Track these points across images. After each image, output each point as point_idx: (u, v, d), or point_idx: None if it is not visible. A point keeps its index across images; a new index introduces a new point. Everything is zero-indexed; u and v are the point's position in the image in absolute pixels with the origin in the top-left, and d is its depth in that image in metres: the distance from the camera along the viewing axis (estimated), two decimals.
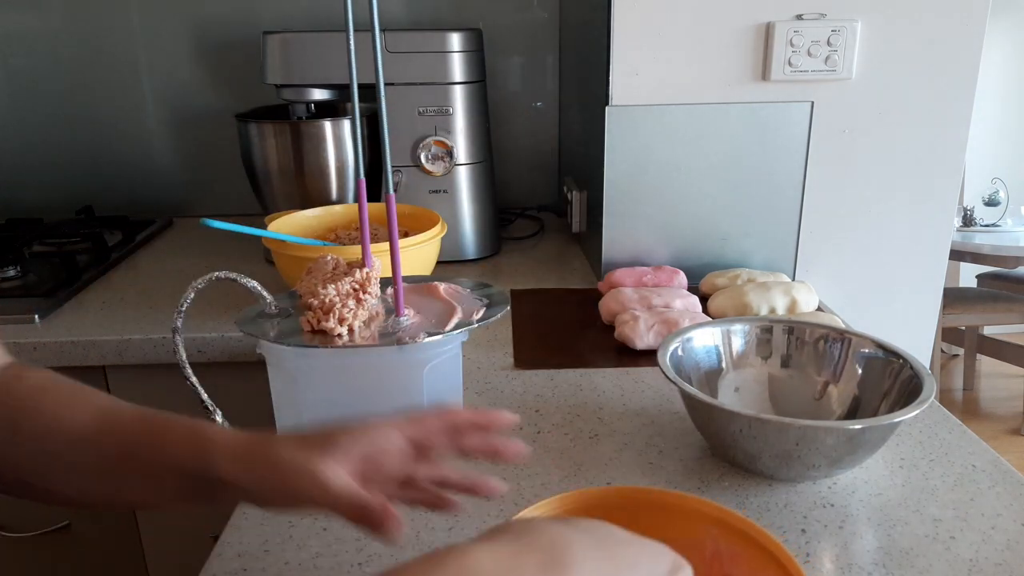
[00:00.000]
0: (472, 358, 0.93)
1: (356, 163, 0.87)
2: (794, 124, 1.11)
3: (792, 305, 1.01)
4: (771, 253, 1.17)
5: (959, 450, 0.73)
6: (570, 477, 0.69)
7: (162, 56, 1.53)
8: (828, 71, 1.09)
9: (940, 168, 1.15)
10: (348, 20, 0.65)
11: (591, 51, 1.19)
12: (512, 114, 1.58)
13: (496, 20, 1.52)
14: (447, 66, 1.24)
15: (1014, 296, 2.82)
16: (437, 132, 1.26)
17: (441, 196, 1.28)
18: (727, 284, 1.08)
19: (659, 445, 0.74)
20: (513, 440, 0.49)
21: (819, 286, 1.15)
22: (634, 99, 1.09)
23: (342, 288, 0.69)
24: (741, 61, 1.09)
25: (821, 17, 1.07)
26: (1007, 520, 0.63)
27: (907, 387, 0.69)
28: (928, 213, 1.17)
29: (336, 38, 1.23)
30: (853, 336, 0.76)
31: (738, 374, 0.79)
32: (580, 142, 1.33)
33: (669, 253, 1.16)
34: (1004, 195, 3.14)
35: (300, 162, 1.26)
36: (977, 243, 2.83)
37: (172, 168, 1.59)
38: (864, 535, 0.61)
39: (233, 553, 0.60)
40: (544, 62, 1.57)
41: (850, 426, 0.63)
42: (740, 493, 0.67)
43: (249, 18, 1.49)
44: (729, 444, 0.67)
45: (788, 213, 1.15)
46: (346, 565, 0.59)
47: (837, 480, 0.68)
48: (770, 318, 0.82)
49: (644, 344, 0.93)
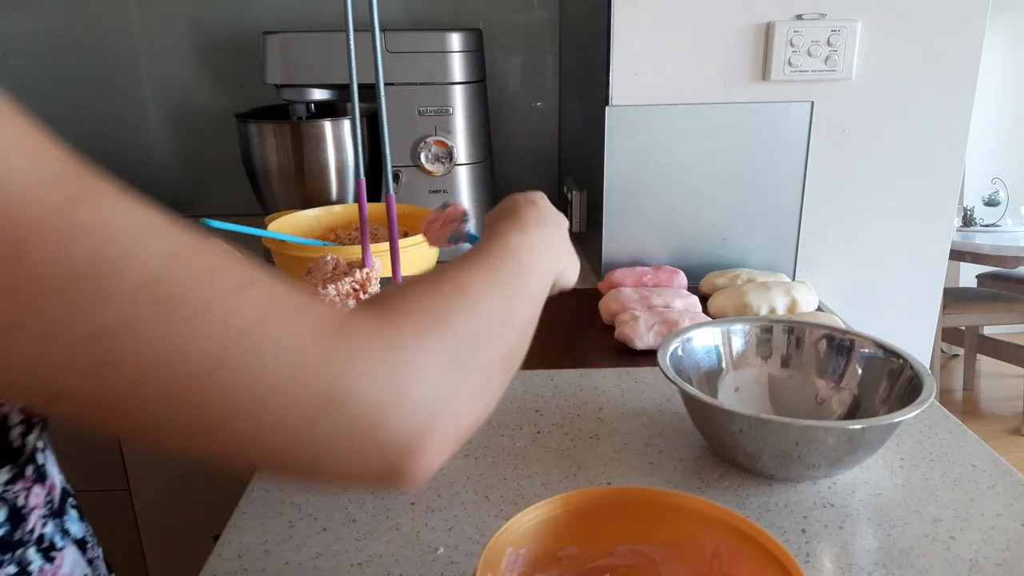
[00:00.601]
0: None
1: (356, 163, 0.87)
2: (794, 124, 1.11)
3: (792, 305, 1.01)
4: (771, 253, 1.17)
5: (959, 450, 0.73)
6: (570, 477, 0.69)
7: (162, 56, 1.53)
8: (828, 71, 1.09)
9: (940, 168, 1.15)
10: (348, 20, 0.65)
11: (591, 51, 1.19)
12: (512, 114, 1.58)
13: (496, 20, 1.52)
14: (447, 66, 1.24)
15: (1014, 296, 2.82)
16: (437, 132, 1.26)
17: (441, 196, 1.28)
18: (727, 284, 1.08)
19: (659, 445, 0.74)
20: None
21: (819, 286, 1.15)
22: (634, 99, 1.09)
23: (342, 288, 0.69)
24: (741, 61, 1.09)
25: (821, 17, 1.07)
26: (1007, 520, 0.63)
27: (907, 387, 0.69)
28: (928, 213, 1.17)
29: (336, 38, 1.23)
30: (853, 336, 0.76)
31: (738, 374, 0.79)
32: (580, 142, 1.33)
33: (669, 253, 1.16)
34: (1004, 195, 3.14)
35: (300, 162, 1.26)
36: (977, 243, 2.83)
37: (172, 168, 1.59)
38: (864, 535, 0.61)
39: (233, 553, 0.60)
40: (544, 62, 1.57)
41: (850, 426, 0.63)
42: (740, 493, 0.67)
43: (249, 18, 1.49)
44: (729, 444, 0.67)
45: (788, 213, 1.15)
46: (346, 565, 0.59)
47: (837, 480, 0.68)
48: (770, 318, 0.82)
49: (644, 344, 0.93)
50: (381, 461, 0.31)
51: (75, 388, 0.27)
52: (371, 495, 0.67)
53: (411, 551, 0.60)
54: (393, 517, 0.64)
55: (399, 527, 0.63)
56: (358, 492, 0.67)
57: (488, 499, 0.66)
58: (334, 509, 0.65)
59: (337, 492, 0.67)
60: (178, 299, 0.27)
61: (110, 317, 0.26)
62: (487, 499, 0.66)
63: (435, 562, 0.58)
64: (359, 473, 0.32)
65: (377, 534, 0.62)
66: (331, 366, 0.30)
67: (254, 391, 0.29)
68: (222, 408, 0.28)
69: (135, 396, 0.27)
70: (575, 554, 0.51)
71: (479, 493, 0.67)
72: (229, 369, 0.28)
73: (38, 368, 0.26)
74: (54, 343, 0.26)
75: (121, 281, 0.26)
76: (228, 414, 0.29)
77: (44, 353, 0.26)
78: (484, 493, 0.67)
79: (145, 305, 0.27)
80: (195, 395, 0.28)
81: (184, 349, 0.27)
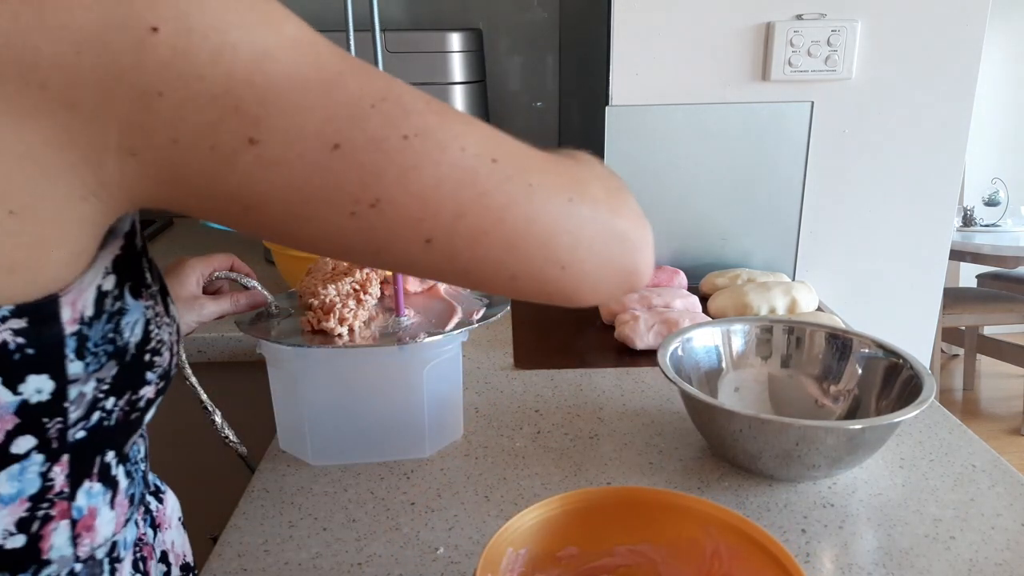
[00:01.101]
0: (472, 358, 0.93)
1: None
2: (794, 124, 1.11)
3: (792, 305, 1.01)
4: (771, 253, 1.17)
5: (959, 450, 0.73)
6: (570, 477, 0.69)
7: None
8: (828, 71, 1.09)
9: (940, 168, 1.15)
10: (348, 20, 0.65)
11: (591, 51, 1.19)
12: (512, 114, 1.58)
13: (496, 20, 1.52)
14: (447, 66, 1.24)
15: (1014, 296, 2.82)
16: None
17: None
18: (727, 284, 1.08)
19: (659, 445, 0.74)
20: None
21: (819, 286, 1.15)
22: (634, 99, 1.09)
23: (342, 288, 0.69)
24: (741, 61, 1.09)
25: (821, 17, 1.07)
26: (1007, 520, 0.63)
27: (907, 387, 0.69)
28: (928, 213, 1.17)
29: (336, 38, 1.22)
30: (853, 336, 0.76)
31: (738, 374, 0.79)
32: (580, 142, 1.33)
33: (669, 253, 1.16)
34: (1004, 195, 3.14)
35: None
36: (977, 243, 2.83)
37: None
38: (864, 535, 0.61)
39: (233, 553, 0.60)
40: (544, 62, 1.57)
41: (850, 426, 0.63)
42: (740, 493, 0.67)
43: None
44: (729, 444, 0.67)
45: (788, 213, 1.15)
46: (346, 565, 0.59)
47: (837, 480, 0.68)
48: (770, 318, 0.82)
49: (644, 344, 0.93)
50: (624, 248, 0.39)
51: (393, 192, 0.32)
52: (371, 494, 0.67)
53: (411, 551, 0.60)
54: (393, 517, 0.64)
55: (399, 527, 0.63)
56: (364, 486, 0.67)
57: (488, 499, 0.66)
58: (334, 509, 0.65)
59: (365, 472, 0.67)
60: (451, 114, 0.35)
61: (416, 125, 0.32)
62: (487, 499, 0.66)
63: (435, 562, 0.58)
64: (610, 259, 0.38)
65: (377, 534, 0.62)
66: (573, 177, 0.38)
67: (528, 191, 0.35)
68: (503, 201, 0.34)
69: (438, 193, 0.33)
70: (575, 554, 0.51)
71: (479, 493, 0.67)
72: (513, 181, 0.35)
73: (361, 178, 0.31)
74: (372, 152, 0.31)
75: (409, 101, 0.33)
76: (510, 203, 0.34)
77: (363, 163, 0.31)
78: (484, 493, 0.67)
79: (432, 117, 0.33)
80: (481, 182, 0.34)
81: (472, 153, 0.34)
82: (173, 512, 0.55)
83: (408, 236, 0.33)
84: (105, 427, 0.36)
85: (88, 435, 0.35)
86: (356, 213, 0.32)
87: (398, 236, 0.33)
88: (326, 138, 0.30)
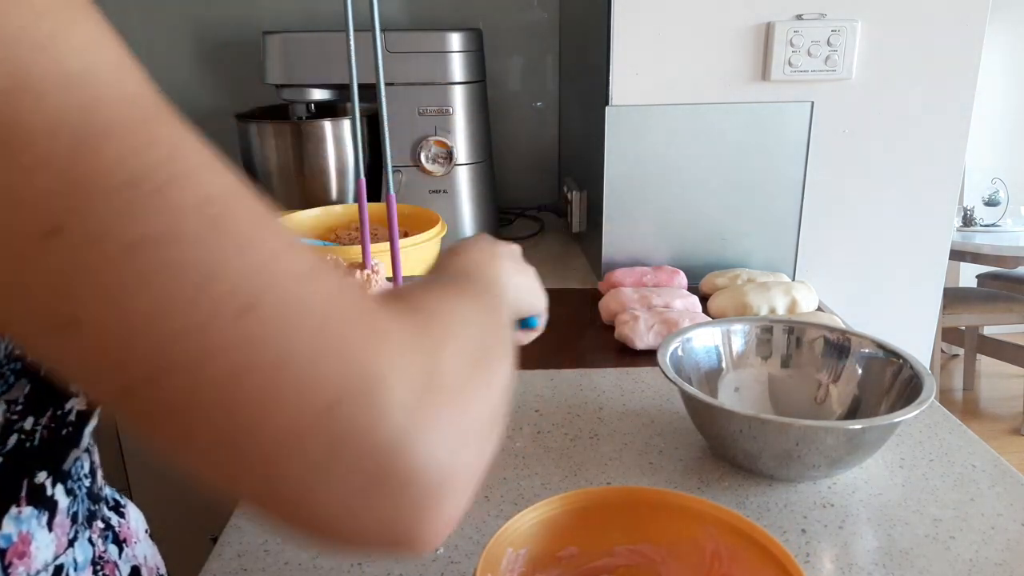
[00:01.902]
0: None
1: (356, 163, 0.87)
2: (794, 124, 1.11)
3: (792, 305, 1.01)
4: (771, 253, 1.17)
5: (959, 450, 0.73)
6: (570, 477, 0.69)
7: (162, 56, 1.53)
8: (828, 71, 1.09)
9: (940, 168, 1.15)
10: (348, 20, 0.65)
11: (591, 51, 1.19)
12: (512, 114, 1.58)
13: (496, 20, 1.52)
14: (447, 66, 1.24)
15: (1014, 296, 2.82)
16: (437, 132, 1.26)
17: (441, 196, 1.28)
18: (727, 284, 1.08)
19: (659, 445, 0.74)
20: None
21: (819, 286, 1.15)
22: (634, 99, 1.09)
23: None
24: (741, 61, 1.09)
25: (821, 17, 1.07)
26: (1007, 520, 0.63)
27: (907, 387, 0.69)
28: (928, 213, 1.17)
29: (336, 38, 1.23)
30: (853, 336, 0.76)
31: (738, 374, 0.79)
32: (580, 142, 1.33)
33: (669, 253, 1.16)
34: (1004, 195, 3.14)
35: (300, 162, 1.26)
36: (977, 243, 2.83)
37: None
38: (864, 535, 0.61)
39: (233, 553, 0.60)
40: (544, 62, 1.57)
41: (850, 426, 0.63)
42: (740, 493, 0.67)
43: (249, 18, 1.49)
44: (729, 444, 0.67)
45: (788, 213, 1.15)
46: (346, 565, 0.59)
47: (837, 480, 0.68)
48: (770, 318, 0.82)
49: (644, 344, 0.93)
50: (398, 499, 0.27)
51: (96, 312, 0.24)
52: None
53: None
54: None
55: None
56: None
57: (488, 499, 0.66)
58: None
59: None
60: (230, 224, 0.25)
61: (157, 227, 0.24)
62: (487, 499, 0.66)
63: (435, 562, 0.58)
64: (366, 507, 0.27)
65: None
66: (368, 344, 0.27)
67: (278, 349, 0.25)
68: (239, 361, 0.24)
69: (152, 329, 0.24)
70: (575, 554, 0.51)
71: (479, 493, 0.67)
72: (258, 316, 0.25)
73: (63, 282, 0.23)
74: (91, 251, 0.23)
75: (177, 193, 0.24)
76: (244, 368, 0.25)
77: (76, 263, 0.23)
78: (484, 493, 0.67)
79: (195, 220, 0.24)
80: (216, 336, 0.24)
81: (220, 278, 0.24)
82: (139, 525, 0.52)
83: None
84: (28, 449, 0.34)
85: (7, 460, 0.34)
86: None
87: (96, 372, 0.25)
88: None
